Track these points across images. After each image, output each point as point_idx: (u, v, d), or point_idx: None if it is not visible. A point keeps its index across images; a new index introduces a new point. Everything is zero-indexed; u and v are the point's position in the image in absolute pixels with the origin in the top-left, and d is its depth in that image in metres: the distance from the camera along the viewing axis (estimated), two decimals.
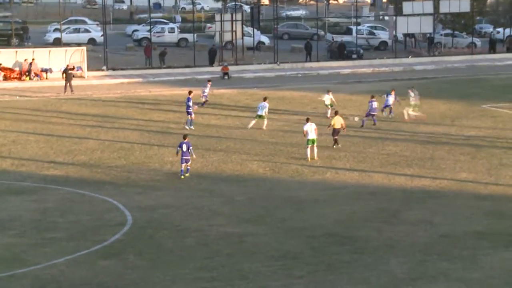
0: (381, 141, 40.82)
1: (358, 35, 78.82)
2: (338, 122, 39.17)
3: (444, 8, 78.05)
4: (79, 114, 48.41)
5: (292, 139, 41.33)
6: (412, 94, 46.35)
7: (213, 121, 46.02)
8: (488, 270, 23.88)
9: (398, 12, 79.86)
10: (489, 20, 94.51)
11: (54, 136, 42.35)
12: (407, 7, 76.83)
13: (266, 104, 43.93)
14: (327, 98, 47.22)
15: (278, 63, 70.30)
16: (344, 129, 39.39)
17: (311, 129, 36.94)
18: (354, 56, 75.18)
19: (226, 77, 64.40)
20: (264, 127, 43.46)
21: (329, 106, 46.71)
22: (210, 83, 51.53)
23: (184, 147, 33.90)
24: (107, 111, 49.36)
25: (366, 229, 27.62)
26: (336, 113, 40.24)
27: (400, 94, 47.30)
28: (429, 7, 76.79)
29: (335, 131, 39.10)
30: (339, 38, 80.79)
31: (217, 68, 66.70)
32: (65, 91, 56.05)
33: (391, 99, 46.44)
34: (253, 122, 43.78)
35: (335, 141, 39.27)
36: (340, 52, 75.22)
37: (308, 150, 36.97)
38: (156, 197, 31.47)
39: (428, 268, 24.09)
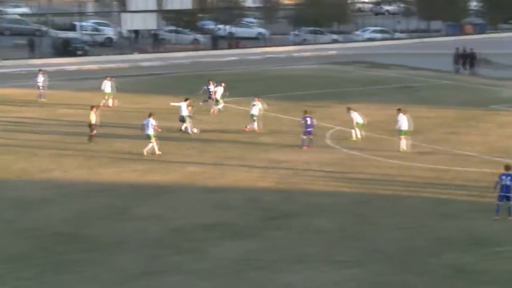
0: (109, 138, 40.58)
1: (83, 31, 78.07)
2: (93, 117, 39.39)
3: (167, 5, 79.16)
4: None
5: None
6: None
7: None
8: (217, 260, 24.47)
9: (123, 8, 79.97)
10: (211, 17, 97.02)
11: None
12: (131, 4, 77.09)
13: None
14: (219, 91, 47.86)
15: (0, 59, 68.06)
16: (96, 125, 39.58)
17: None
18: (80, 52, 74.41)
19: None
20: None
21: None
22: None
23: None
24: None
25: (96, 226, 27.41)
26: (92, 108, 40.15)
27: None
28: (152, 4, 77.61)
29: (91, 127, 39.29)
30: (63, 34, 79.60)
31: None
32: None
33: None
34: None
35: (90, 137, 39.30)
36: (65, 49, 74.15)
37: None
38: None
39: (159, 262, 24.30)
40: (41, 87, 50.88)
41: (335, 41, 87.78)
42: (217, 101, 47.63)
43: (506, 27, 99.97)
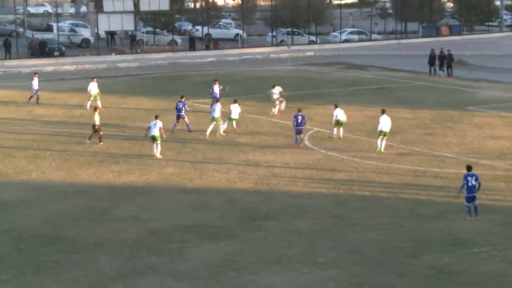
0: (84, 138, 40.34)
1: (60, 32, 77.77)
2: (97, 118, 39.37)
3: (144, 6, 79.03)
4: None
5: None
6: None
7: None
8: (195, 262, 24.41)
9: (99, 9, 79.75)
10: (188, 18, 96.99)
11: None
12: (108, 5, 76.89)
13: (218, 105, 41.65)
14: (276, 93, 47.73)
15: None
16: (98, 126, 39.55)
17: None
18: (56, 53, 74.17)
19: None
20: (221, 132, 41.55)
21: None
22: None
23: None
24: None
25: (75, 228, 27.31)
26: (95, 109, 40.24)
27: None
28: (129, 5, 77.44)
29: (94, 127, 39.38)
30: (39, 35, 79.26)
31: None
32: None
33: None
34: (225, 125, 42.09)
35: (99, 138, 39.41)
36: (42, 50, 73.85)
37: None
38: None
39: (137, 263, 24.24)
40: (34, 91, 50.34)
41: (312, 42, 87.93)
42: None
43: (481, 28, 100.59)
